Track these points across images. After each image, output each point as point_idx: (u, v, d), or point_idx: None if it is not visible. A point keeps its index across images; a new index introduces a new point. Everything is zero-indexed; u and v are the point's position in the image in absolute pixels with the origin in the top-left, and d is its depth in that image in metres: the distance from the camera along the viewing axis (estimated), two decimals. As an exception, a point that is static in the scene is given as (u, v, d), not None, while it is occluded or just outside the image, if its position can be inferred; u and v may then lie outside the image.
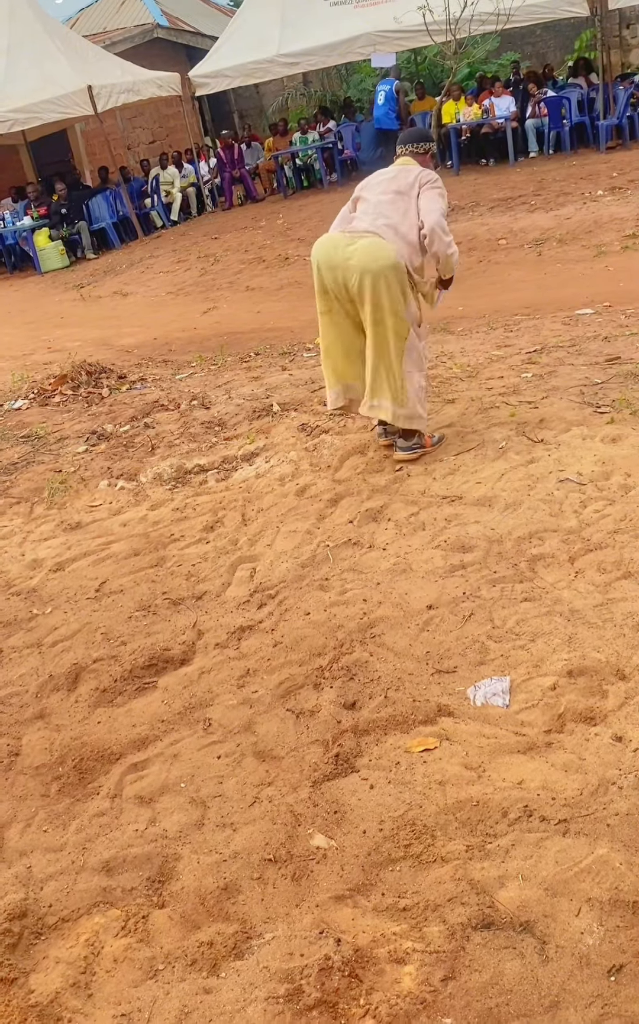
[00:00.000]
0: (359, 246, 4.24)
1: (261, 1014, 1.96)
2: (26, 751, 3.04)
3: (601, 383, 5.20)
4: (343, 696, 2.94)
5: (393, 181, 4.43)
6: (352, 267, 4.22)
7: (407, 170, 4.46)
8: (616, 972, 1.92)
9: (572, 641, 3.01)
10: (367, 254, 4.21)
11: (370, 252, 4.21)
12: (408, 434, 4.60)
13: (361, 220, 4.37)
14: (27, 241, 15.66)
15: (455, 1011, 1.90)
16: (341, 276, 4.27)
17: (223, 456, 5.25)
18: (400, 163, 4.54)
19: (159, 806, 2.66)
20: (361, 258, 4.21)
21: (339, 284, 4.30)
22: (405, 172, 4.45)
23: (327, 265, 4.31)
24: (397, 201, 4.34)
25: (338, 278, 4.29)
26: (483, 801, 2.41)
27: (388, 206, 4.33)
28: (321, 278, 4.35)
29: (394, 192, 4.37)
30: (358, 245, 4.25)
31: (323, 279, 4.35)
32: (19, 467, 5.76)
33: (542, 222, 10.85)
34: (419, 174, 4.41)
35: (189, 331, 9.32)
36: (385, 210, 4.32)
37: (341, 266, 4.26)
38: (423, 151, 4.59)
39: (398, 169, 4.49)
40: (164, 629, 3.56)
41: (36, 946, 2.27)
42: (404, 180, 4.40)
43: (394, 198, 4.35)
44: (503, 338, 6.63)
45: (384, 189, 4.41)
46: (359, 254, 4.22)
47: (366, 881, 2.26)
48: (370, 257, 4.20)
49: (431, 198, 4.35)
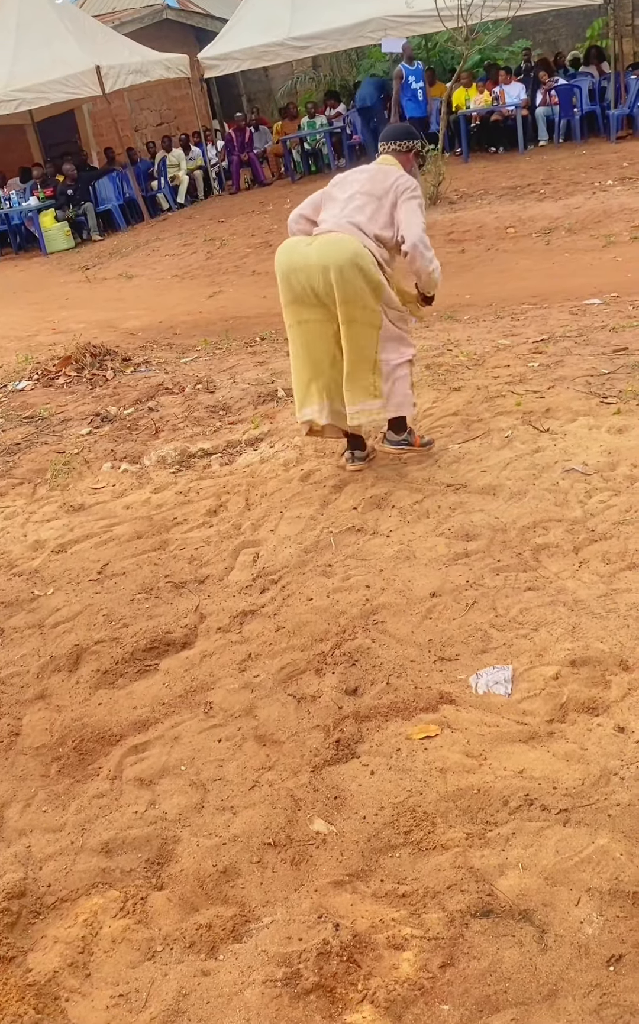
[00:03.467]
0: (318, 243, 4.00)
1: (258, 997, 1.96)
2: (26, 731, 3.04)
3: (608, 373, 5.18)
4: (345, 682, 2.94)
5: (369, 182, 4.15)
6: (314, 265, 3.95)
7: (386, 171, 4.19)
8: (615, 962, 1.92)
9: (575, 631, 3.00)
10: (327, 247, 3.95)
11: (330, 244, 3.96)
12: (398, 427, 4.40)
13: (325, 221, 4.12)
14: (33, 222, 15.59)
15: (453, 997, 1.90)
16: (305, 278, 3.98)
17: (227, 440, 5.24)
18: (380, 162, 4.28)
19: (159, 788, 2.65)
20: (321, 252, 3.94)
21: (306, 287, 4.00)
22: (383, 174, 4.17)
23: (290, 268, 4.03)
24: (367, 205, 4.08)
25: (303, 280, 3.99)
26: (484, 789, 2.41)
27: (356, 210, 4.07)
28: (289, 285, 4.06)
29: (366, 194, 4.10)
30: (317, 243, 4.00)
31: (290, 285, 4.05)
32: (22, 448, 5.74)
33: (551, 211, 10.79)
34: (398, 180, 4.13)
35: (194, 315, 9.28)
36: (351, 212, 4.07)
37: (303, 267, 3.98)
38: (406, 149, 4.31)
39: (376, 169, 4.22)
40: (166, 612, 3.55)
41: (34, 925, 2.28)
42: (381, 183, 4.12)
43: (365, 201, 4.09)
44: (510, 327, 6.60)
45: (357, 190, 4.13)
46: (319, 249, 3.96)
47: (365, 867, 2.26)
48: (332, 249, 3.94)
49: (411, 210, 4.07)
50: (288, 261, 4.04)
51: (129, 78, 15.21)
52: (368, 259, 3.95)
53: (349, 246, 3.94)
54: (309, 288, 4.00)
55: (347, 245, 3.94)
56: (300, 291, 4.03)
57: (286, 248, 4.08)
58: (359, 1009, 1.91)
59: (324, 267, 3.92)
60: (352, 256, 3.92)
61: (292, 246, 4.07)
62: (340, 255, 3.91)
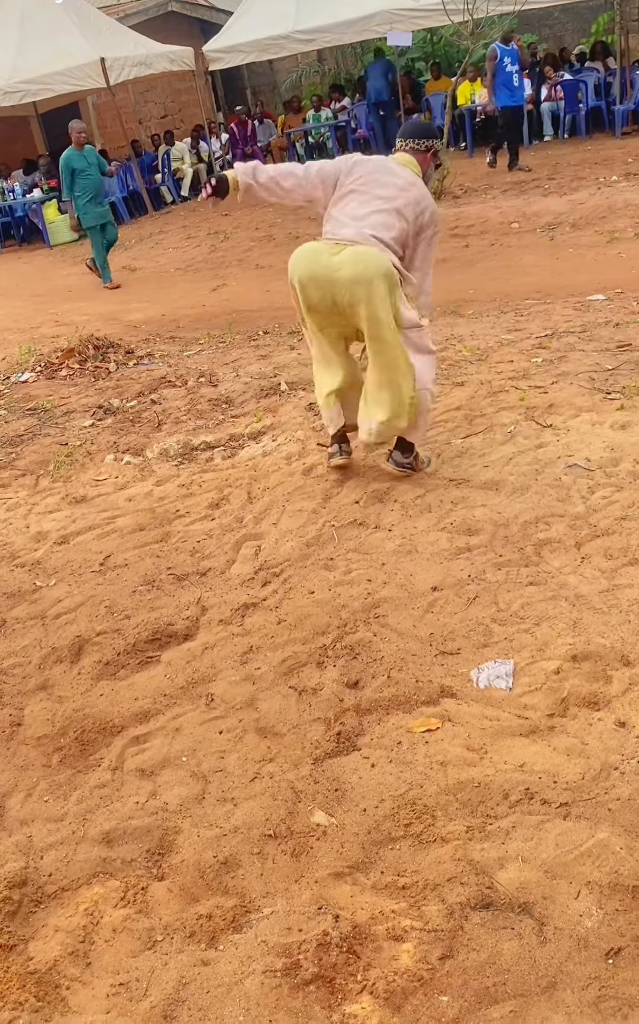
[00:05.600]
0: (347, 255, 3.76)
1: (258, 987, 1.97)
2: (28, 722, 3.04)
3: (611, 369, 5.18)
4: (346, 675, 2.95)
5: (391, 188, 3.92)
6: (341, 280, 3.74)
7: (411, 182, 3.97)
8: (614, 955, 1.93)
9: (577, 626, 3.00)
10: (358, 262, 3.73)
11: (361, 259, 3.74)
12: (406, 448, 4.18)
13: (346, 225, 3.88)
14: (37, 214, 15.56)
15: (452, 989, 1.91)
16: (329, 291, 3.80)
17: (230, 434, 5.24)
18: (401, 161, 4.06)
19: (160, 779, 2.66)
20: (351, 267, 3.73)
21: (328, 300, 3.83)
22: (408, 183, 3.96)
23: (310, 279, 3.80)
24: (391, 220, 3.87)
25: (326, 295, 3.81)
26: (484, 783, 2.42)
27: (386, 225, 3.86)
28: (307, 296, 3.85)
29: (396, 211, 3.88)
30: (345, 254, 3.76)
31: (309, 296, 3.85)
32: (25, 439, 5.74)
33: (555, 206, 10.77)
34: (421, 199, 3.94)
35: (198, 308, 9.27)
36: (382, 223, 3.86)
37: (327, 279, 3.77)
38: (425, 148, 4.13)
39: (410, 178, 4.00)
40: (168, 604, 3.56)
41: (35, 914, 2.28)
42: (406, 195, 3.91)
43: (392, 216, 3.88)
44: (514, 322, 6.60)
45: (382, 194, 3.90)
46: (348, 264, 3.74)
47: (366, 859, 2.27)
48: (362, 265, 3.72)
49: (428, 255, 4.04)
50: (309, 273, 3.81)
51: (133, 70, 15.17)
52: (395, 278, 3.81)
53: (381, 264, 3.74)
54: (331, 301, 3.83)
55: (379, 260, 3.75)
56: (317, 301, 3.86)
57: (307, 254, 3.84)
58: (358, 1000, 1.92)
59: (353, 283, 3.74)
60: (386, 271, 3.75)
61: (315, 253, 3.83)
62: (370, 271, 3.72)
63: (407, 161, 4.07)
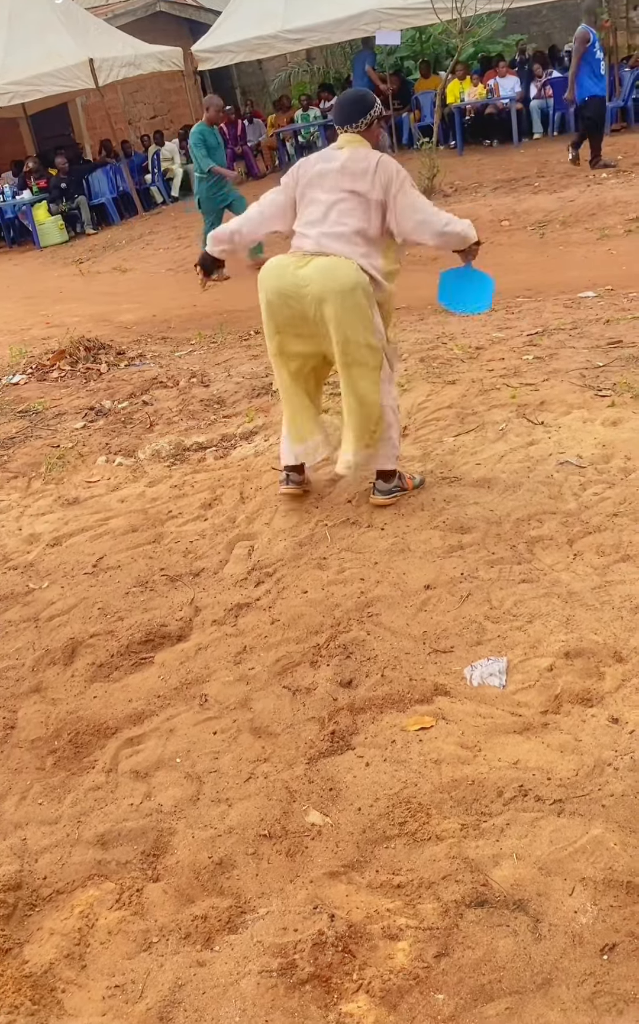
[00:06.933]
0: (313, 268, 3.55)
1: (254, 987, 1.97)
2: (22, 724, 3.04)
3: (602, 366, 5.18)
4: (340, 674, 2.95)
5: (343, 173, 3.62)
6: (308, 295, 3.54)
7: (359, 155, 3.65)
8: (609, 951, 1.93)
9: (570, 623, 3.01)
10: (325, 276, 3.52)
11: (328, 273, 3.52)
12: (387, 475, 3.95)
13: (306, 236, 3.65)
14: (26, 215, 15.54)
15: (448, 987, 1.91)
16: (297, 307, 3.60)
17: (222, 434, 5.23)
18: (346, 144, 3.71)
19: (154, 781, 2.66)
20: (319, 282, 3.52)
21: (296, 316, 3.63)
22: (356, 159, 3.64)
23: (278, 296, 3.61)
24: (356, 207, 3.61)
25: (294, 310, 3.61)
26: (478, 780, 2.42)
27: (345, 214, 3.61)
28: (272, 311, 3.67)
29: (349, 192, 3.60)
30: (311, 267, 3.55)
31: (275, 313, 3.66)
32: (17, 441, 5.73)
33: (545, 204, 10.78)
34: (380, 169, 3.61)
35: (188, 308, 9.26)
36: (341, 217, 3.61)
37: (295, 295, 3.57)
38: (368, 124, 3.72)
39: (347, 154, 3.66)
40: (161, 605, 3.55)
41: (30, 917, 2.28)
42: (362, 176, 3.60)
43: (350, 200, 3.61)
44: (505, 320, 6.60)
45: (335, 185, 3.63)
46: (315, 278, 3.53)
47: (360, 858, 2.27)
48: (329, 278, 3.51)
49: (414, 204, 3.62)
50: (277, 288, 3.62)
51: (122, 71, 15.15)
52: (368, 290, 3.58)
53: (350, 275, 3.53)
54: (299, 317, 3.63)
55: (347, 272, 3.53)
56: (285, 321, 3.67)
57: (274, 270, 3.64)
58: (354, 999, 1.92)
59: (320, 298, 3.54)
60: (355, 285, 3.53)
61: (281, 268, 3.62)
62: (339, 284, 3.52)
63: (357, 142, 3.72)
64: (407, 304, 7.58)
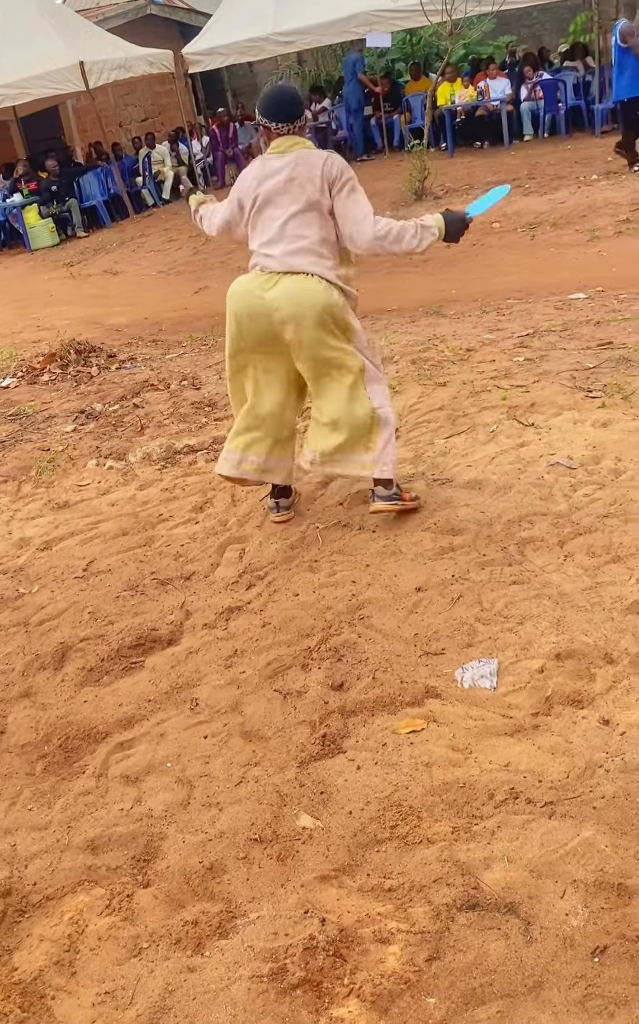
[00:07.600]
0: (280, 291, 3.50)
1: (245, 992, 1.96)
2: (12, 729, 3.02)
3: (593, 368, 5.18)
4: (331, 677, 2.94)
5: (291, 184, 3.51)
6: (279, 319, 3.51)
7: (304, 159, 3.52)
8: (600, 953, 1.93)
9: (560, 624, 3.00)
10: (293, 299, 3.48)
11: (295, 297, 3.48)
12: (386, 483, 3.81)
13: (270, 254, 3.56)
14: (17, 218, 15.51)
15: (439, 990, 1.91)
16: (268, 328, 3.56)
17: (213, 437, 5.22)
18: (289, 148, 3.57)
19: (145, 785, 2.65)
20: (287, 306, 3.48)
21: (265, 336, 3.59)
22: (304, 164, 3.51)
23: (248, 316, 3.58)
24: (313, 218, 3.52)
25: (265, 331, 3.57)
26: (469, 783, 2.41)
27: (303, 226, 3.52)
28: (240, 331, 3.63)
29: (305, 203, 3.50)
30: (279, 290, 3.50)
31: (242, 332, 3.63)
32: (7, 445, 5.72)
33: (536, 206, 10.80)
34: (325, 169, 3.48)
35: (180, 311, 9.25)
36: (298, 229, 3.52)
37: (265, 316, 3.53)
38: (301, 125, 3.62)
39: (292, 160, 3.53)
40: (152, 609, 3.55)
41: (20, 924, 2.27)
42: (308, 180, 3.49)
43: (305, 212, 3.51)
44: (495, 322, 6.60)
45: (290, 197, 3.52)
46: (284, 301, 3.48)
47: (351, 862, 2.26)
48: (296, 303, 3.47)
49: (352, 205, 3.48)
50: (248, 308, 3.58)
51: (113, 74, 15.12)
52: (339, 305, 3.53)
53: (318, 296, 3.48)
54: (268, 335, 3.59)
55: (315, 295, 3.48)
56: (252, 341, 3.64)
57: (241, 294, 3.60)
58: (346, 1003, 1.91)
59: (292, 321, 3.50)
60: (324, 307, 3.48)
61: (248, 289, 3.58)
62: (307, 307, 3.47)
63: (293, 143, 3.59)
64: (399, 306, 7.59)
